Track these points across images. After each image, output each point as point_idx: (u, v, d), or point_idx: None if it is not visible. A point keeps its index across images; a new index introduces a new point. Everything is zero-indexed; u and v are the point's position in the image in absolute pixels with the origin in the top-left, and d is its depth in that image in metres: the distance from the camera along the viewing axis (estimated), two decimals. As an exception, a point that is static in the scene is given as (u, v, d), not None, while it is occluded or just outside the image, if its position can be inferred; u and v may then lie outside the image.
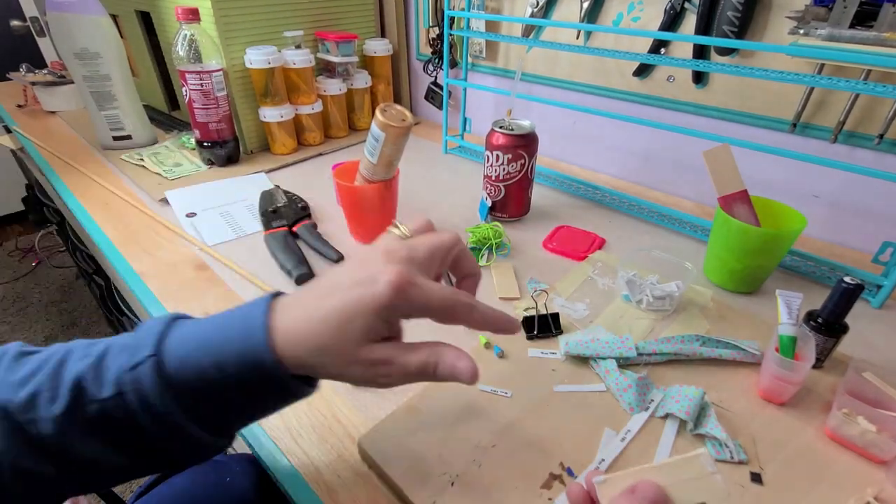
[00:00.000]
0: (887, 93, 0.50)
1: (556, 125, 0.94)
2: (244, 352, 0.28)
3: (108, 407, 0.28)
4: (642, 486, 0.25)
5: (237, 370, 0.28)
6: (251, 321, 0.29)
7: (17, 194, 2.24)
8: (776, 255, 0.54)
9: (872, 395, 0.40)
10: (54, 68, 1.29)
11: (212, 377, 0.28)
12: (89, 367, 0.29)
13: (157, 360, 0.28)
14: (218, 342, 0.29)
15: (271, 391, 0.30)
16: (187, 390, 0.28)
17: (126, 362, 0.29)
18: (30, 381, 0.29)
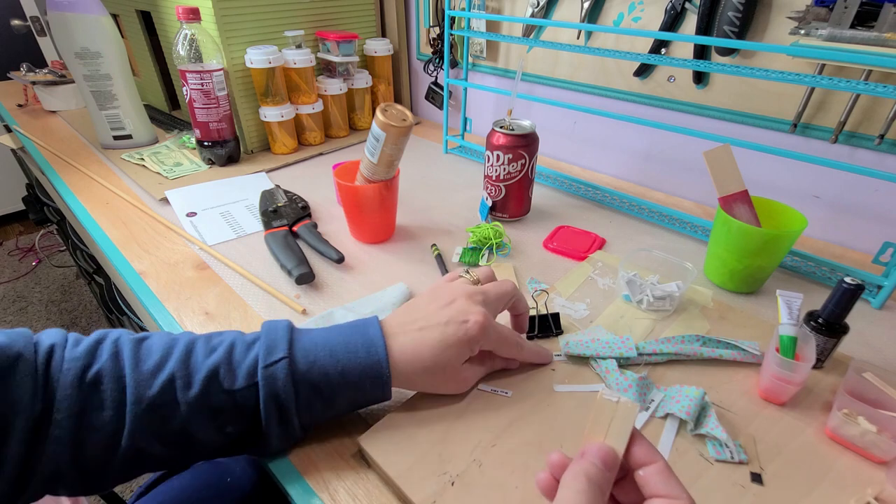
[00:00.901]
0: (888, 93, 0.50)
1: (557, 125, 0.94)
2: (368, 366, 0.36)
3: (238, 397, 0.34)
4: (589, 448, 0.26)
5: (358, 379, 0.36)
6: (373, 341, 0.37)
7: (17, 193, 2.25)
8: (776, 255, 0.54)
9: (873, 396, 0.40)
10: (55, 68, 1.29)
11: (334, 381, 0.36)
12: (222, 360, 0.35)
13: (290, 361, 0.35)
14: (345, 354, 0.36)
15: (373, 398, 0.38)
16: (308, 390, 0.35)
17: (262, 359, 0.35)
18: (163, 370, 0.34)
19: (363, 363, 0.36)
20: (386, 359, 0.36)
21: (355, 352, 0.36)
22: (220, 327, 0.52)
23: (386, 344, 0.37)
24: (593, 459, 0.25)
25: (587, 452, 0.26)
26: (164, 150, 0.96)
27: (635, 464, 0.26)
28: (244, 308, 0.55)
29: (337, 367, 0.36)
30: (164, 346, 0.35)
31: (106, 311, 1.26)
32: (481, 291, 0.41)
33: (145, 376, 0.33)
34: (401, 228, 0.71)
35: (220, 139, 0.88)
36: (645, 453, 0.26)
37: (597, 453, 0.25)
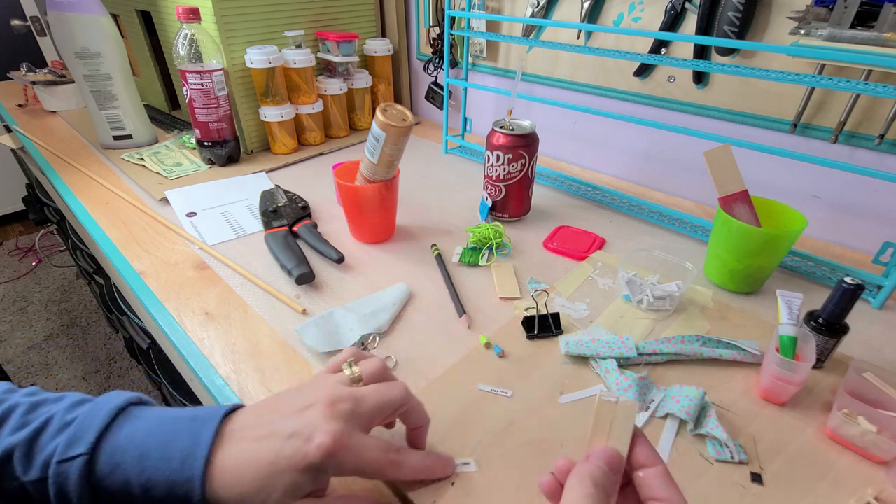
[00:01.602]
0: (888, 93, 0.50)
1: (557, 125, 0.94)
2: (177, 484, 0.27)
3: (30, 488, 0.28)
4: (594, 451, 0.26)
5: (163, 497, 0.27)
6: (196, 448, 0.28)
7: (17, 193, 2.25)
8: (776, 255, 0.54)
9: (873, 396, 0.40)
10: (55, 68, 1.29)
11: (136, 495, 0.28)
12: (23, 440, 0.28)
13: (89, 461, 0.28)
14: (157, 460, 0.28)
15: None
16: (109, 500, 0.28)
17: (59, 451, 0.28)
18: None
19: (172, 478, 0.27)
20: (201, 477, 0.27)
21: (169, 459, 0.28)
22: (221, 327, 0.52)
23: (209, 456, 0.28)
24: (598, 462, 0.25)
25: (592, 455, 0.26)
26: (164, 150, 0.96)
27: (636, 464, 0.26)
28: (244, 308, 0.55)
29: (141, 478, 0.27)
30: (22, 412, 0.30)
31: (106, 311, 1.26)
32: (352, 398, 0.31)
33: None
34: (401, 228, 0.71)
35: (220, 139, 0.88)
36: (646, 455, 0.26)
37: (602, 456, 0.25)
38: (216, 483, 0.28)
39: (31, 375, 1.62)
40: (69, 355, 1.70)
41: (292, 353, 0.49)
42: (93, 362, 1.68)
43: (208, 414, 0.30)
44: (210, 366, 0.48)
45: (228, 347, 0.50)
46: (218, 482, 0.28)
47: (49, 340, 1.76)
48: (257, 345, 0.50)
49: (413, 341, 0.50)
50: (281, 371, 0.47)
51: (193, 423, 0.29)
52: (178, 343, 0.51)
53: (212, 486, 0.27)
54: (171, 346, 0.53)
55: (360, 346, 0.48)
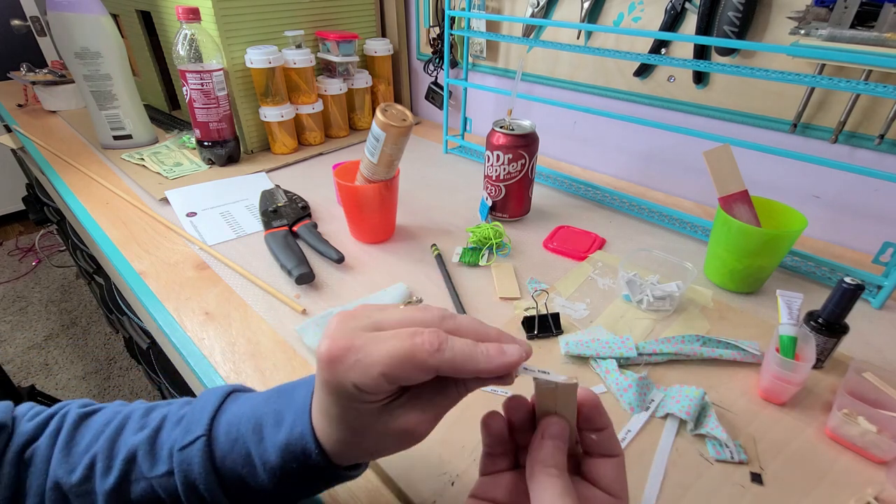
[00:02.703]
0: (888, 93, 0.50)
1: (557, 125, 0.94)
2: (290, 443, 0.27)
3: (157, 486, 0.28)
4: (549, 428, 0.25)
5: (282, 462, 0.27)
6: (296, 405, 0.28)
7: (17, 193, 2.24)
8: (776, 255, 0.54)
9: (873, 396, 0.40)
10: (55, 68, 1.29)
11: (256, 465, 0.27)
12: (145, 440, 0.29)
13: (207, 441, 0.28)
14: (270, 427, 0.28)
15: (315, 480, 0.28)
16: (234, 477, 0.27)
17: (179, 440, 0.28)
18: (89, 450, 0.29)
19: (284, 441, 0.27)
20: (311, 433, 0.26)
21: (280, 424, 0.27)
22: (221, 327, 0.52)
23: (311, 408, 0.27)
24: (556, 442, 0.25)
25: (546, 434, 0.25)
26: (164, 150, 0.96)
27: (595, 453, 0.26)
28: (244, 308, 0.55)
29: (259, 448, 0.27)
30: (104, 421, 0.30)
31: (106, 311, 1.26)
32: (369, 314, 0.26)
33: (72, 458, 0.29)
34: (401, 228, 0.71)
35: (220, 139, 0.88)
36: (611, 442, 0.26)
37: (557, 434, 0.25)
38: (319, 432, 0.26)
39: (31, 375, 1.62)
40: (69, 355, 1.70)
41: (292, 353, 0.49)
42: (93, 362, 1.68)
43: (307, 378, 0.29)
44: (210, 366, 0.48)
45: (228, 347, 0.50)
46: (318, 430, 0.26)
47: (49, 340, 1.76)
48: (257, 345, 0.50)
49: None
50: (281, 371, 0.47)
51: (295, 389, 0.29)
52: (178, 343, 0.51)
53: (323, 439, 0.26)
54: (171, 346, 0.53)
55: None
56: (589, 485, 0.26)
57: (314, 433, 0.26)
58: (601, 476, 0.26)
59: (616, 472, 0.26)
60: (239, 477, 0.27)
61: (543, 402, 0.26)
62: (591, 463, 0.26)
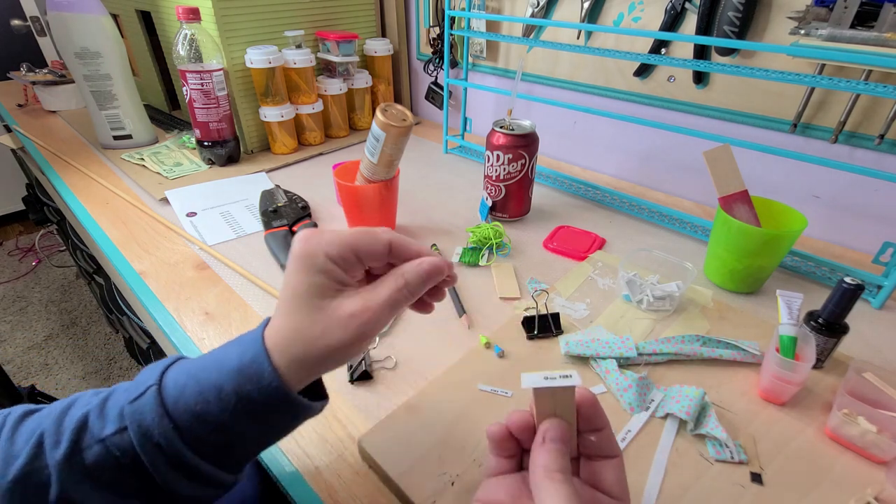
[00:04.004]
0: (888, 93, 0.50)
1: (557, 125, 0.94)
2: (241, 366, 0.28)
3: (111, 446, 0.27)
4: (549, 431, 0.25)
5: (236, 385, 0.28)
6: (246, 339, 0.29)
7: (17, 193, 2.24)
8: (776, 255, 0.54)
9: (873, 396, 0.40)
10: (55, 68, 1.29)
11: (210, 398, 0.28)
12: (95, 406, 0.29)
13: (158, 389, 0.28)
14: (216, 364, 0.29)
15: (273, 405, 0.28)
16: (188, 418, 0.28)
17: (129, 396, 0.28)
18: (34, 434, 0.28)
19: (237, 366, 0.28)
20: (263, 352, 0.28)
21: (228, 357, 0.29)
22: (221, 327, 0.52)
23: (264, 335, 0.29)
24: (557, 445, 0.25)
25: (547, 437, 0.25)
26: (164, 150, 0.96)
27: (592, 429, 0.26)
28: (244, 308, 0.55)
29: (210, 381, 0.28)
30: (48, 411, 0.30)
31: (106, 311, 1.26)
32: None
33: (16, 446, 0.28)
34: (401, 228, 0.71)
35: (220, 139, 0.88)
36: (609, 443, 0.26)
37: (556, 437, 0.25)
38: (275, 348, 0.28)
39: (31, 375, 1.62)
40: (69, 355, 1.70)
41: (292, 353, 0.49)
42: (93, 362, 1.68)
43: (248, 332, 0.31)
44: (210, 366, 0.48)
45: (228, 347, 0.50)
46: (275, 346, 0.28)
47: (49, 340, 1.76)
48: (257, 345, 0.50)
49: (413, 341, 0.50)
50: (281, 371, 0.47)
51: (240, 336, 0.30)
52: (178, 343, 0.51)
53: (275, 355, 0.28)
54: (171, 346, 0.53)
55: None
56: (590, 488, 0.26)
57: (267, 354, 0.28)
58: (602, 478, 0.26)
59: (617, 474, 0.26)
60: (194, 415, 0.28)
61: (542, 405, 0.26)
62: (592, 465, 0.26)
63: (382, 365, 0.48)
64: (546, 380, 0.25)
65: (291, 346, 0.28)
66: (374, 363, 0.48)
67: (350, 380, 0.45)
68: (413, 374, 0.46)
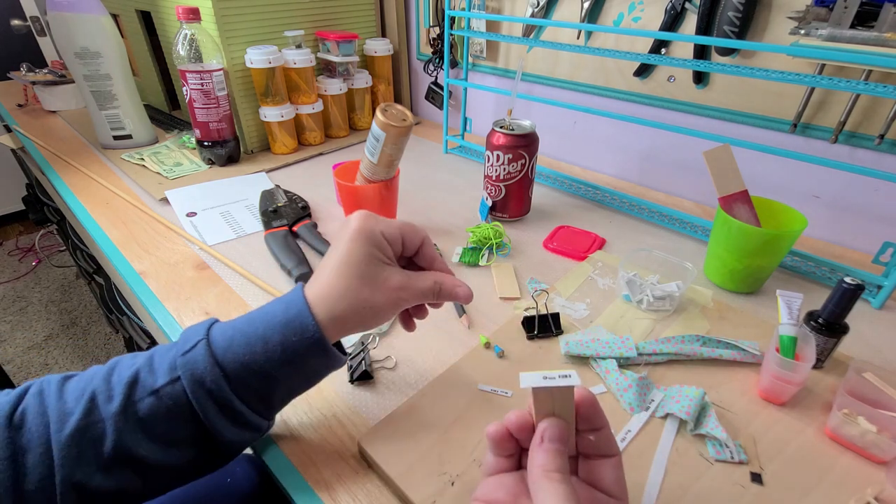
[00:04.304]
0: (888, 93, 0.50)
1: (557, 125, 0.94)
2: (287, 321, 0.32)
3: (164, 396, 0.30)
4: (547, 431, 0.26)
5: (282, 337, 0.32)
6: (290, 297, 0.34)
7: (17, 193, 2.24)
8: (776, 255, 0.54)
9: (873, 396, 0.40)
10: (55, 68, 1.29)
11: (258, 349, 0.32)
12: (143, 364, 0.32)
13: (208, 342, 0.32)
14: (262, 319, 0.33)
15: (312, 354, 0.33)
16: (236, 366, 0.31)
17: (178, 350, 0.32)
18: (84, 392, 0.30)
19: (282, 321, 0.33)
20: (306, 308, 0.33)
21: (273, 313, 0.33)
22: (220, 327, 0.52)
23: (306, 294, 0.34)
24: (555, 445, 0.25)
25: (545, 437, 0.25)
26: (164, 150, 0.96)
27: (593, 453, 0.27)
28: (244, 308, 0.55)
29: (256, 334, 0.32)
30: (90, 374, 0.32)
31: (106, 311, 1.26)
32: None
33: (68, 404, 0.30)
34: (401, 228, 0.71)
35: (220, 139, 0.88)
36: (608, 443, 0.26)
37: (555, 437, 0.25)
38: (318, 304, 0.33)
39: (31, 375, 1.62)
40: (69, 355, 1.70)
41: (292, 353, 0.49)
42: (93, 362, 1.68)
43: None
44: (210, 366, 0.48)
45: (228, 347, 0.50)
46: (318, 303, 0.33)
47: (49, 340, 1.76)
48: (257, 345, 0.50)
49: (413, 341, 0.50)
50: (281, 371, 0.47)
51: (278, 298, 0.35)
52: (178, 343, 0.51)
53: (318, 311, 0.33)
54: (171, 346, 0.52)
55: (359, 346, 0.48)
56: (589, 487, 0.26)
57: (310, 310, 0.33)
58: (601, 478, 0.26)
59: (615, 473, 0.26)
60: (242, 364, 0.32)
61: (541, 404, 0.26)
62: (591, 465, 0.26)
63: (382, 365, 0.48)
64: (545, 380, 0.24)
65: (337, 302, 0.33)
66: (374, 363, 0.48)
67: (350, 380, 0.45)
68: (413, 374, 0.46)
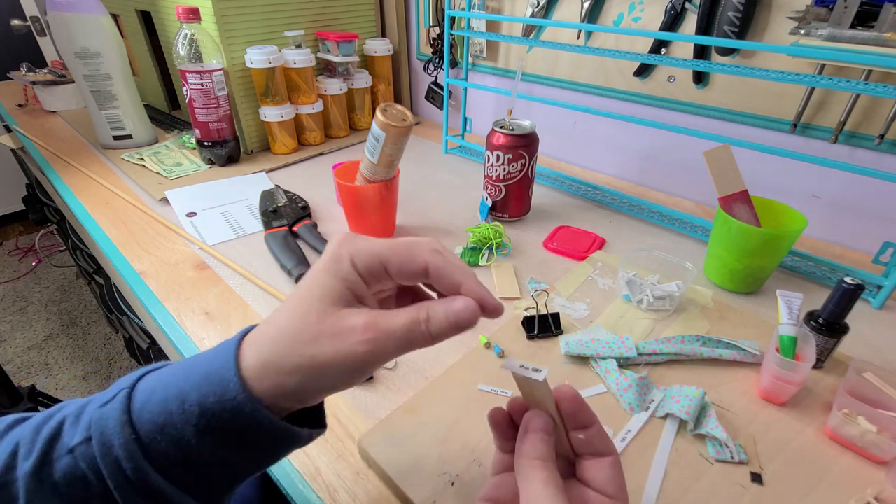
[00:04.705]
0: (888, 93, 0.50)
1: (557, 125, 0.94)
2: (209, 372, 0.24)
3: (79, 457, 0.24)
4: (532, 421, 0.26)
5: (199, 396, 0.24)
6: (220, 347, 0.25)
7: (17, 193, 2.24)
8: (776, 255, 0.54)
9: (872, 396, 0.40)
10: (55, 68, 1.29)
11: (174, 409, 0.24)
12: (72, 412, 0.26)
13: (128, 394, 0.25)
14: (187, 367, 0.25)
15: (239, 426, 0.24)
16: (151, 429, 0.24)
17: (100, 401, 0.25)
18: (13, 442, 0.25)
19: (203, 371, 0.24)
20: (234, 353, 0.24)
21: (197, 361, 0.25)
22: (220, 327, 0.52)
23: (238, 344, 0.25)
24: (540, 435, 0.25)
25: (530, 427, 0.26)
26: (164, 150, 0.96)
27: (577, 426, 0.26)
28: (244, 308, 0.55)
29: (178, 385, 0.24)
30: (39, 415, 0.27)
31: (106, 311, 1.26)
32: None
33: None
34: (401, 228, 0.71)
35: (220, 139, 0.88)
36: (601, 441, 0.26)
37: (540, 427, 0.26)
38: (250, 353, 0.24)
39: (31, 375, 1.62)
40: (69, 355, 1.70)
41: (292, 353, 0.49)
42: (93, 362, 1.68)
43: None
44: (210, 366, 0.48)
45: (228, 347, 0.50)
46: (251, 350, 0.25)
47: (49, 340, 1.76)
48: (257, 345, 0.50)
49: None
50: (281, 371, 0.47)
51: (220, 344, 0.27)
52: (178, 343, 0.51)
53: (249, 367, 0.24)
54: (171, 346, 0.53)
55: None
56: (583, 486, 0.26)
57: (237, 361, 0.24)
58: (594, 477, 0.25)
59: (610, 472, 0.25)
60: (157, 427, 0.24)
61: (526, 396, 0.27)
62: (584, 464, 0.26)
63: (383, 365, 0.48)
64: (522, 368, 0.25)
65: (267, 348, 0.24)
66: (374, 363, 0.48)
67: (350, 380, 0.45)
68: (413, 374, 0.46)
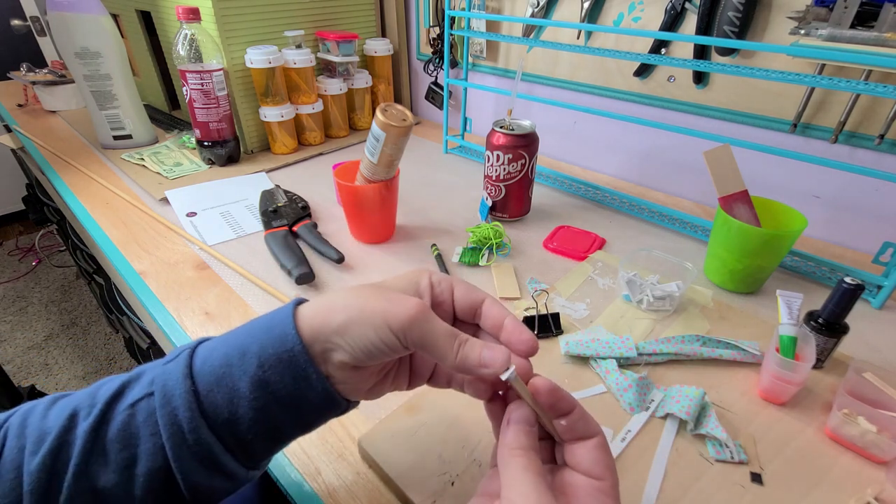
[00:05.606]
0: (888, 93, 0.50)
1: (557, 125, 0.94)
2: (269, 326, 0.26)
3: (138, 412, 0.25)
4: (513, 413, 0.26)
5: (259, 348, 0.25)
6: (278, 311, 0.27)
7: (17, 193, 2.24)
8: (776, 255, 0.54)
9: (873, 396, 0.40)
10: (55, 68, 1.29)
11: (234, 361, 0.25)
12: (133, 375, 0.27)
13: (191, 352, 0.27)
14: (250, 323, 0.27)
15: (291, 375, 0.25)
16: (209, 381, 0.25)
17: (164, 360, 0.27)
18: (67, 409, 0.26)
19: (263, 325, 0.26)
20: (291, 310, 0.26)
21: (257, 320, 0.27)
22: (220, 327, 0.52)
23: (296, 310, 0.27)
24: (522, 426, 0.25)
25: (511, 419, 0.26)
26: (164, 150, 0.96)
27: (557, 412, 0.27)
28: (244, 308, 0.55)
29: (238, 340, 0.26)
30: (86, 390, 0.28)
31: (106, 311, 1.26)
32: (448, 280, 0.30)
33: (49, 422, 0.25)
34: (401, 228, 0.71)
35: (220, 139, 0.88)
36: (584, 425, 0.26)
37: (522, 419, 0.26)
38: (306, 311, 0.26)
39: (31, 375, 1.62)
40: (69, 355, 1.70)
41: (292, 353, 0.49)
42: (93, 362, 1.68)
43: None
44: (210, 366, 0.48)
45: (228, 347, 0.50)
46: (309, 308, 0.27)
47: (49, 340, 1.76)
48: (257, 345, 0.50)
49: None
50: (281, 371, 0.47)
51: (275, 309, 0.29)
52: (178, 343, 0.51)
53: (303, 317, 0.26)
54: (172, 346, 0.53)
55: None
56: (570, 470, 0.26)
57: (295, 318, 0.26)
58: (580, 461, 0.25)
59: (595, 454, 0.25)
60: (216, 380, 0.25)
61: (510, 390, 0.28)
62: (567, 448, 0.26)
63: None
64: None
65: (324, 306, 0.26)
66: (374, 363, 0.48)
67: (350, 380, 0.45)
68: (413, 374, 0.46)
